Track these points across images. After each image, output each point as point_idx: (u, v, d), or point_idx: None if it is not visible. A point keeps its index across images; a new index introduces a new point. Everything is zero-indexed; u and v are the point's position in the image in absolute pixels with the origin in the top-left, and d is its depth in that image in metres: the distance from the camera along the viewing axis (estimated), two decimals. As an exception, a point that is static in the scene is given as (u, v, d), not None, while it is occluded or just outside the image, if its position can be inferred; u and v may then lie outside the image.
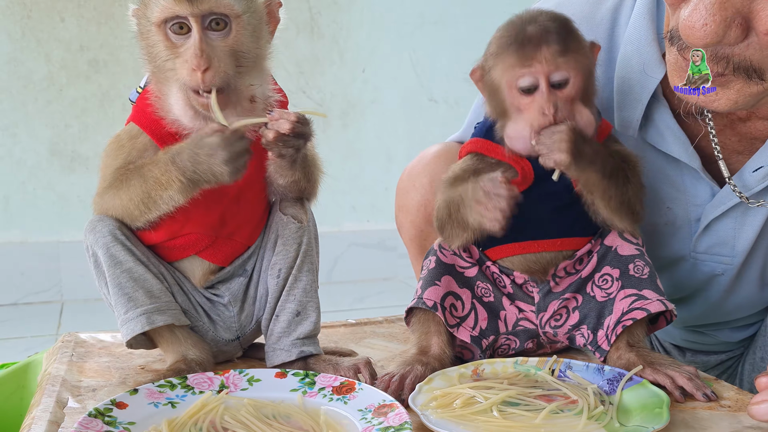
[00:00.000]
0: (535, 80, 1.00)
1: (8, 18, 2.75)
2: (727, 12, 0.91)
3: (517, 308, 1.10)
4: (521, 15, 1.04)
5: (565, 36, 1.00)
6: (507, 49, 1.01)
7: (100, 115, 2.86)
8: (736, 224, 1.20)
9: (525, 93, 1.01)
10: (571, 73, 1.00)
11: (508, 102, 1.02)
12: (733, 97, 0.98)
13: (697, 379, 0.99)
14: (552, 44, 0.99)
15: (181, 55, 0.96)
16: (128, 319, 1.02)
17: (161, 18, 0.95)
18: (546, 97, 0.99)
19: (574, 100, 1.01)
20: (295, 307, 1.07)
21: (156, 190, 0.98)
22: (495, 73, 1.03)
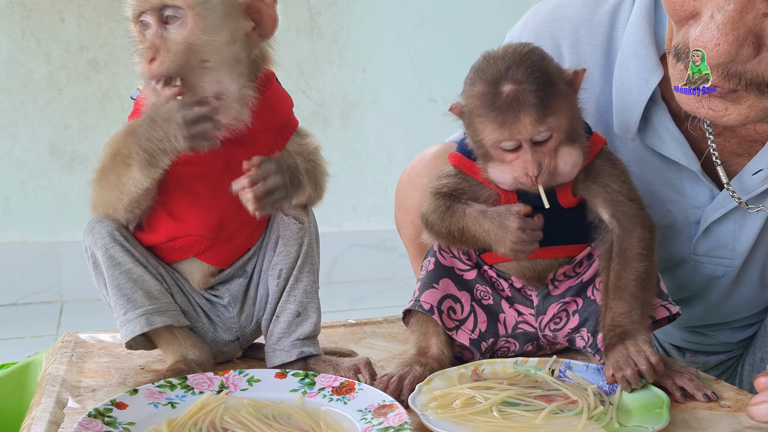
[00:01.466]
0: (517, 143, 0.98)
1: (8, 18, 2.75)
2: (739, 31, 0.90)
3: (516, 311, 1.10)
4: (496, 62, 0.98)
5: (543, 97, 0.96)
6: (485, 114, 0.98)
7: (100, 115, 2.86)
8: (736, 227, 1.20)
9: (507, 151, 0.99)
10: (553, 128, 0.98)
11: (490, 151, 1.01)
12: (744, 112, 0.97)
13: (698, 379, 0.98)
14: (530, 110, 0.95)
15: (141, 43, 0.98)
16: (127, 320, 1.02)
17: (131, 15, 0.98)
18: (530, 157, 0.98)
19: (559, 145, 0.99)
20: (295, 307, 1.07)
21: (122, 169, 0.98)
22: (476, 129, 1.00)
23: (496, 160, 1.01)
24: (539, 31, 1.26)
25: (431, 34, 3.20)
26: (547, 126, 0.97)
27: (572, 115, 1.01)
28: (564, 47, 1.23)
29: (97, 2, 2.82)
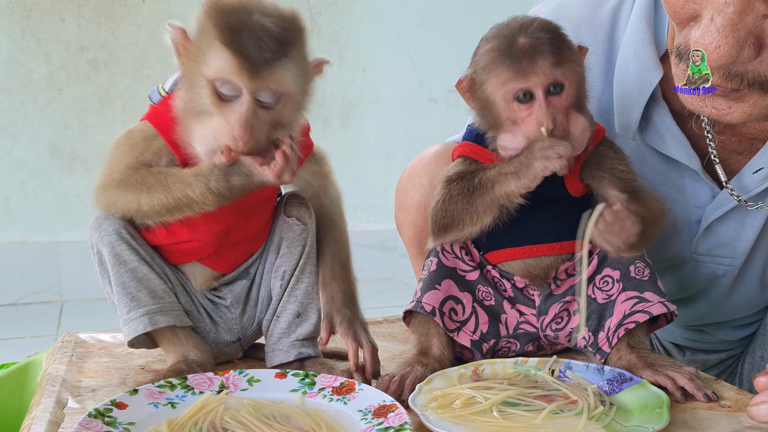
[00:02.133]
0: (531, 89, 0.99)
1: (8, 18, 2.75)
2: (740, 33, 0.90)
3: (518, 312, 1.10)
4: (509, 25, 1.02)
5: (558, 45, 1.00)
6: (500, 63, 0.99)
7: (99, 115, 2.86)
8: (737, 226, 1.20)
9: (521, 103, 1.00)
10: (566, 81, 0.99)
11: (502, 114, 1.01)
12: (747, 110, 0.97)
13: (698, 379, 0.98)
14: (547, 55, 0.98)
15: (225, 114, 0.93)
16: (131, 318, 1.02)
17: (215, 77, 0.92)
18: (544, 109, 0.98)
19: (569, 108, 1.01)
20: (296, 308, 1.07)
21: (185, 207, 0.97)
22: (488, 87, 1.01)
23: (508, 123, 1.01)
24: None
25: (431, 34, 3.19)
26: (562, 72, 0.98)
27: (581, 79, 1.03)
28: (565, 47, 1.24)
29: (97, 2, 2.82)
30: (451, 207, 1.05)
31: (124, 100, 2.88)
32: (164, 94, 1.03)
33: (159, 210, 0.98)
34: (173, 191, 0.97)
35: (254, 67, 0.90)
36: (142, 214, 1.00)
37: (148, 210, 0.99)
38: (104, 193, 1.02)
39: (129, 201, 1.00)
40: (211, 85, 0.92)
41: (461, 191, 1.04)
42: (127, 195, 1.00)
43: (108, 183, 1.02)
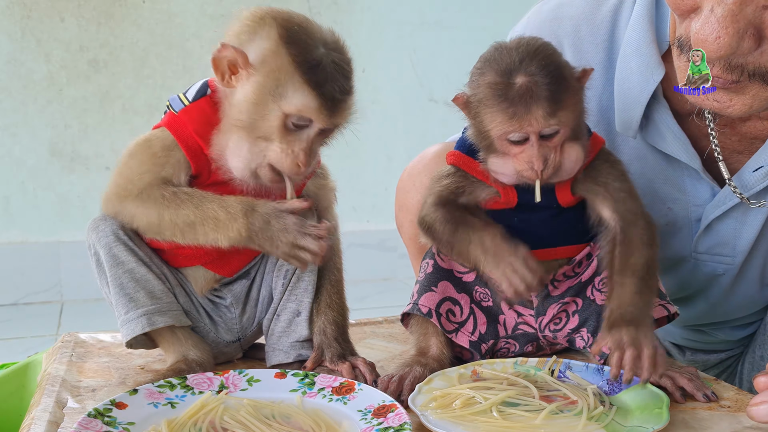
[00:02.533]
0: (525, 136, 0.97)
1: (8, 18, 2.75)
2: (739, 24, 0.90)
3: (516, 312, 1.10)
4: (509, 53, 0.98)
5: (556, 91, 0.95)
6: (495, 104, 0.97)
7: (100, 115, 2.86)
8: (737, 224, 1.20)
9: (513, 144, 0.98)
10: (562, 124, 0.97)
11: (495, 143, 1.00)
12: (748, 102, 0.97)
13: (698, 379, 0.98)
14: (543, 103, 0.95)
15: (288, 142, 0.96)
16: (129, 319, 1.02)
17: (294, 113, 0.95)
18: (536, 151, 0.97)
19: (564, 141, 0.99)
20: (295, 306, 1.07)
21: (209, 227, 0.98)
22: (483, 120, 0.99)
23: (500, 152, 1.00)
24: (541, 30, 1.26)
25: (431, 34, 3.19)
26: (557, 120, 0.96)
27: (579, 112, 1.01)
28: (566, 46, 1.24)
29: (97, 2, 2.82)
30: (434, 232, 1.05)
31: (124, 100, 2.88)
32: (187, 104, 1.02)
33: (182, 227, 0.99)
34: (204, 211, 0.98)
35: (333, 107, 0.95)
36: (159, 231, 1.00)
37: (168, 224, 0.99)
38: (119, 203, 1.01)
39: (149, 214, 0.99)
40: (285, 117, 0.95)
41: (444, 227, 1.04)
42: (147, 210, 1.00)
43: (125, 194, 1.01)
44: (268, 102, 0.95)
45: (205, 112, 1.01)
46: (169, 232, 0.99)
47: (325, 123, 0.96)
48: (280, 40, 0.94)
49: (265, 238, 0.98)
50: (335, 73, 0.95)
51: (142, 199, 0.99)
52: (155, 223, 1.00)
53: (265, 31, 0.95)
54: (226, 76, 0.97)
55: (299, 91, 0.94)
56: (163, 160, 1.00)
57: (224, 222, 0.97)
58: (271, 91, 0.94)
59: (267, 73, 0.95)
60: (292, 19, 0.97)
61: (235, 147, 0.98)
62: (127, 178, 1.01)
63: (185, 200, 0.98)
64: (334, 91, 0.94)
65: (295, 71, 0.93)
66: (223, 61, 0.96)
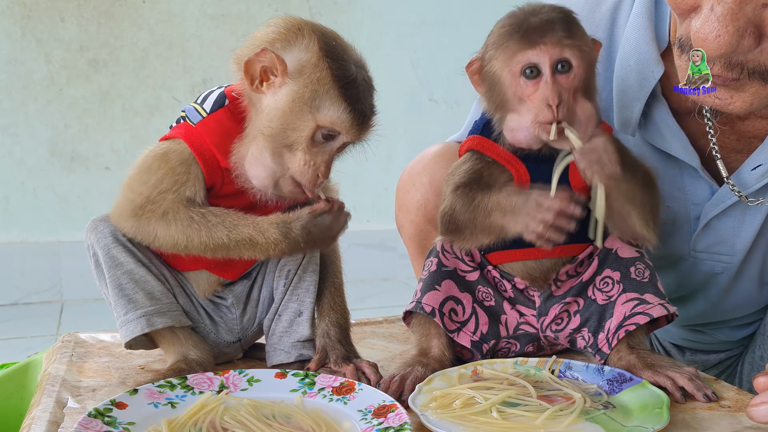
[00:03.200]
0: (539, 63, 0.99)
1: (8, 18, 2.75)
2: (739, 22, 0.91)
3: (518, 312, 1.10)
4: (523, 8, 1.03)
5: (569, 25, 1.00)
6: (510, 38, 1.00)
7: (100, 115, 2.86)
8: (736, 223, 1.20)
9: (528, 79, 0.99)
10: (574, 60, 0.99)
11: (509, 92, 1.01)
12: (748, 100, 0.98)
13: (698, 379, 0.98)
14: (556, 30, 0.99)
15: (312, 154, 0.98)
16: (128, 320, 1.02)
17: (327, 125, 0.97)
18: (550, 84, 0.98)
19: (577, 90, 1.00)
20: (297, 306, 1.07)
21: (244, 249, 0.99)
22: (496, 63, 1.02)
23: (514, 102, 1.01)
24: None
25: (431, 34, 3.19)
26: (570, 50, 0.99)
27: (590, 64, 1.03)
28: (565, 46, 1.24)
29: (97, 2, 2.82)
30: (455, 218, 1.05)
31: (125, 100, 2.88)
32: (204, 115, 1.01)
33: (213, 247, 0.98)
34: (237, 233, 0.98)
35: (363, 123, 0.98)
36: (183, 248, 0.99)
37: (196, 246, 0.99)
38: (136, 222, 1.00)
39: (176, 236, 0.99)
40: (317, 128, 0.96)
41: (464, 205, 1.04)
42: (174, 230, 0.98)
43: (143, 212, 0.99)
44: (303, 112, 0.96)
45: (222, 124, 1.00)
46: (198, 251, 1.00)
47: (353, 137, 0.99)
48: (321, 53, 0.96)
49: (310, 245, 1.00)
50: (366, 91, 0.98)
51: (167, 221, 0.98)
52: (182, 245, 0.99)
53: (305, 43, 0.96)
54: (256, 82, 0.97)
55: (335, 105, 0.96)
56: (184, 177, 0.99)
57: (263, 245, 0.98)
58: (308, 102, 0.96)
59: (305, 83, 0.96)
60: (328, 33, 0.99)
61: (257, 156, 0.98)
62: (145, 196, 0.99)
63: (217, 224, 0.98)
64: (365, 108, 0.98)
65: (333, 85, 0.96)
66: (257, 66, 0.96)
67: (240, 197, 1.02)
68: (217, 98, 1.01)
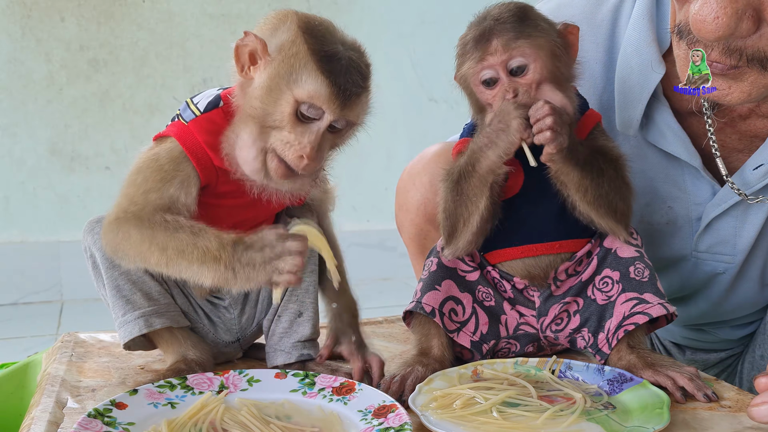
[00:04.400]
0: (493, 72, 1.01)
1: (8, 18, 2.75)
2: (738, 4, 0.91)
3: (518, 313, 1.10)
4: (481, 12, 1.04)
5: (516, 23, 1.00)
6: (465, 51, 1.03)
7: (100, 114, 2.86)
8: (737, 223, 1.20)
9: (488, 87, 1.02)
10: (528, 58, 1.00)
11: (479, 100, 1.04)
12: (746, 90, 0.98)
13: (698, 379, 0.98)
14: (502, 34, 0.99)
15: (298, 132, 0.95)
16: (126, 321, 1.02)
17: (305, 100, 0.94)
18: (506, 85, 1.00)
19: (540, 84, 1.01)
20: (296, 307, 1.07)
21: (194, 258, 0.93)
22: (463, 74, 1.04)
23: (486, 108, 1.03)
24: None
25: (431, 34, 3.19)
26: (519, 51, 0.99)
27: (554, 55, 1.02)
28: (566, 46, 1.24)
29: (97, 2, 2.82)
30: (447, 206, 1.05)
31: (124, 99, 2.88)
32: (198, 114, 1.01)
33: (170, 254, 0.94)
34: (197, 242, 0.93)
35: (344, 99, 0.94)
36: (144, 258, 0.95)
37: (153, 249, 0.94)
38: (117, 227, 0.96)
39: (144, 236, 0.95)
40: (297, 104, 0.94)
41: (450, 186, 1.04)
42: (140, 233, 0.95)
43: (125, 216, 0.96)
44: (281, 87, 0.94)
45: (216, 123, 0.99)
46: (155, 258, 0.95)
47: (336, 114, 0.95)
48: (299, 30, 0.95)
49: (246, 277, 0.92)
50: (350, 67, 0.95)
51: (141, 221, 0.95)
52: (146, 247, 0.95)
53: (286, 25, 0.96)
54: (245, 67, 0.97)
55: (312, 78, 0.93)
56: (171, 174, 0.98)
57: (214, 252, 0.92)
58: (285, 76, 0.94)
59: (283, 59, 0.94)
60: (315, 18, 0.98)
61: (245, 139, 0.97)
62: (131, 198, 0.97)
63: (184, 226, 0.95)
64: (347, 83, 0.94)
65: (310, 58, 0.93)
66: (245, 51, 0.96)
67: (238, 195, 1.01)
68: (212, 99, 1.01)
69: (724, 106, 1.11)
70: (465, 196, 1.02)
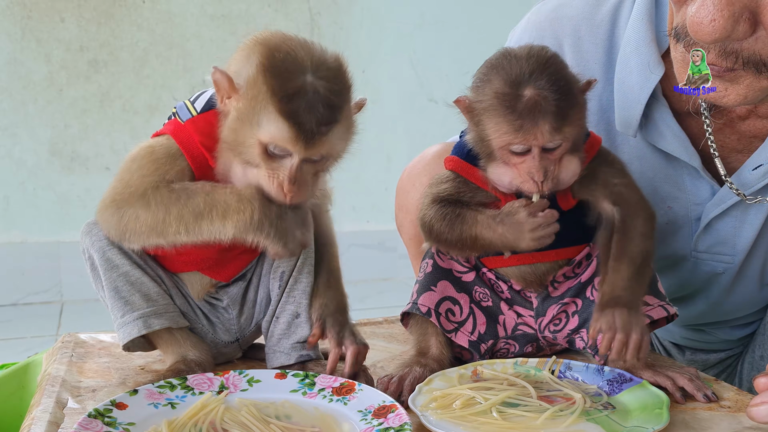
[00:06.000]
0: (528, 148, 0.97)
1: (8, 18, 2.75)
2: (735, 7, 0.91)
3: (515, 313, 1.10)
4: (518, 62, 0.97)
5: (563, 107, 0.96)
6: (501, 115, 0.96)
7: (99, 115, 2.86)
8: (737, 223, 1.20)
9: (515, 154, 0.98)
10: (565, 140, 0.98)
11: (496, 153, 1.00)
12: (742, 92, 0.98)
13: (698, 379, 0.98)
14: (549, 119, 0.95)
15: (273, 168, 0.93)
16: (125, 322, 1.02)
17: (268, 142, 0.92)
18: (537, 163, 0.97)
19: (563, 155, 0.99)
20: (294, 308, 1.06)
21: (215, 214, 0.94)
22: (486, 128, 0.99)
23: (500, 161, 1.00)
24: (541, 30, 1.27)
25: (431, 34, 3.19)
26: (562, 136, 0.97)
27: (582, 126, 1.01)
28: (566, 46, 1.24)
29: (97, 2, 2.82)
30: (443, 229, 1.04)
31: (124, 100, 2.88)
32: (194, 114, 1.00)
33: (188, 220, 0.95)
34: (215, 198, 0.94)
35: (309, 138, 0.91)
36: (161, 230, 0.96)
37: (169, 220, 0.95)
38: (116, 209, 0.97)
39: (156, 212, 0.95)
40: (263, 146, 0.93)
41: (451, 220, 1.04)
42: (154, 206, 0.96)
43: (124, 197, 0.97)
44: (246, 129, 0.93)
45: (211, 124, 0.98)
46: (174, 228, 0.95)
47: (303, 154, 0.92)
48: (260, 67, 0.91)
49: (270, 231, 0.95)
50: (316, 102, 0.91)
51: (146, 200, 0.96)
52: (161, 220, 0.95)
53: (252, 59, 0.93)
54: (224, 99, 0.96)
55: (273, 122, 0.91)
56: (167, 167, 0.98)
57: (236, 206, 0.94)
58: (248, 119, 0.92)
59: (247, 100, 0.92)
60: (283, 46, 0.93)
61: (233, 169, 0.97)
62: (126, 182, 0.98)
63: (197, 190, 0.95)
64: (310, 122, 0.91)
65: (270, 100, 0.91)
66: (219, 84, 0.95)
67: None
68: (209, 99, 1.01)
69: (722, 107, 1.11)
70: (460, 242, 1.04)
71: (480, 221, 1.02)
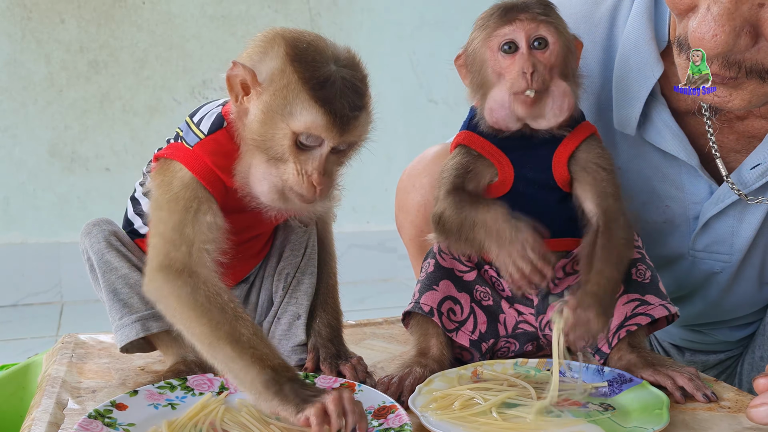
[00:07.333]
0: (515, 39, 1.02)
1: (8, 19, 2.75)
2: (735, 21, 0.91)
3: (516, 311, 1.10)
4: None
5: (546, 6, 1.04)
6: (490, 18, 1.04)
7: (99, 116, 2.86)
8: (735, 222, 1.20)
9: (506, 54, 1.02)
10: (550, 37, 1.02)
11: (489, 69, 1.04)
12: (747, 98, 0.99)
13: (698, 379, 0.98)
14: (533, 9, 1.02)
15: (301, 161, 0.92)
16: (123, 324, 1.02)
17: (303, 131, 0.91)
18: (525, 56, 1.01)
19: (553, 68, 1.02)
20: (295, 309, 1.07)
21: (247, 354, 0.87)
22: (478, 42, 1.05)
23: (494, 79, 1.03)
24: None
25: (431, 35, 3.20)
26: (546, 27, 1.02)
27: (568, 48, 1.05)
28: (565, 45, 1.24)
29: (97, 3, 2.82)
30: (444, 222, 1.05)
31: (124, 101, 2.88)
32: (202, 137, 0.97)
33: (216, 335, 0.88)
34: (239, 339, 0.88)
35: (343, 123, 0.91)
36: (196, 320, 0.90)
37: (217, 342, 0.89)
38: (165, 282, 0.91)
39: (194, 306, 0.90)
40: (295, 136, 0.91)
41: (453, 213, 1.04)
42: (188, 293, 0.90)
43: (170, 263, 0.91)
44: (277, 121, 0.91)
45: (221, 144, 0.96)
46: (201, 330, 0.89)
47: (336, 140, 0.92)
48: (287, 57, 0.91)
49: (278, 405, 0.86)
50: (345, 89, 0.91)
51: (193, 274, 0.91)
52: (194, 315, 0.89)
53: (274, 51, 0.92)
54: (239, 97, 0.94)
55: (307, 109, 0.90)
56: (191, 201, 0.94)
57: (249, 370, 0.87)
58: (279, 110, 0.91)
59: (275, 91, 0.91)
60: (302, 37, 0.94)
61: (255, 172, 0.94)
62: (165, 239, 0.93)
63: (244, 319, 0.89)
64: (343, 108, 0.91)
65: (302, 88, 0.90)
66: (236, 81, 0.93)
67: (243, 210, 0.98)
68: (215, 120, 0.98)
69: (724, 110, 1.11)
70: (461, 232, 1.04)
71: (491, 209, 1.02)
